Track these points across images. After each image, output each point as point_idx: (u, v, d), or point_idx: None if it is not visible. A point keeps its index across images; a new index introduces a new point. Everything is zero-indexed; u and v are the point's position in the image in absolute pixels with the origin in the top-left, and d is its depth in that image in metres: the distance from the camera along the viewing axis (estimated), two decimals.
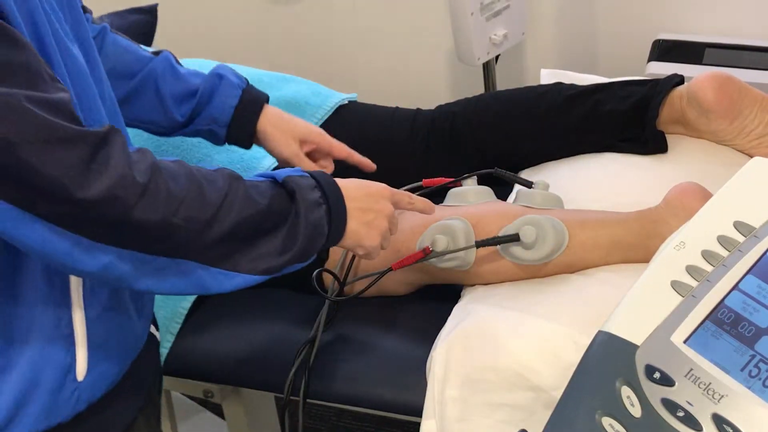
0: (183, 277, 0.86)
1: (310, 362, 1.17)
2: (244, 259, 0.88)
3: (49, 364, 0.90)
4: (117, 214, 0.80)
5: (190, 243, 0.85)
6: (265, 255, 0.89)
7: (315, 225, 0.93)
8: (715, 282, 0.78)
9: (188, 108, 1.20)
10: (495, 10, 1.74)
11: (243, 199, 0.88)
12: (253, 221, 0.88)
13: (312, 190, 0.94)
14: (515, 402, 1.05)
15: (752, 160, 0.87)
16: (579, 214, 1.19)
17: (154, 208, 0.81)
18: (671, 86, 1.35)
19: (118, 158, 0.80)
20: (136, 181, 0.80)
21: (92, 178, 0.78)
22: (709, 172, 1.22)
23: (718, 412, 0.72)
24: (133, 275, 0.84)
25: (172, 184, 0.83)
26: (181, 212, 0.83)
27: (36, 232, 0.78)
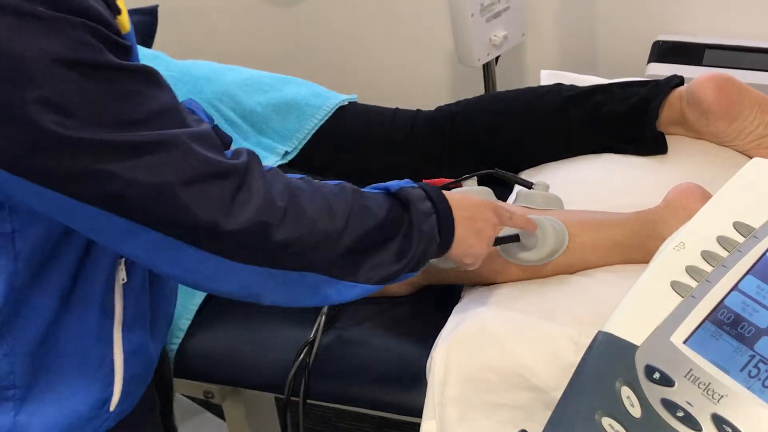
0: (308, 289, 0.90)
1: (310, 363, 1.17)
2: (364, 269, 0.92)
3: (87, 399, 0.94)
4: (260, 239, 0.83)
5: (319, 257, 0.88)
6: (383, 264, 0.93)
7: (428, 233, 0.96)
8: (714, 282, 0.78)
9: None
10: (495, 11, 1.74)
11: (363, 212, 0.91)
12: (373, 233, 0.92)
13: (423, 201, 0.96)
14: (515, 402, 1.05)
15: (752, 160, 0.87)
16: (579, 215, 1.19)
17: (293, 229, 0.85)
18: (671, 87, 1.34)
19: (259, 185, 0.83)
20: (278, 206, 0.84)
21: (238, 209, 0.81)
22: (708, 173, 1.22)
23: (717, 412, 0.72)
24: (265, 290, 0.88)
25: (305, 203, 0.87)
26: (316, 230, 0.87)
27: (184, 259, 0.82)
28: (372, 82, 2.23)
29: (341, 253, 0.89)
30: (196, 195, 0.79)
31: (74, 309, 0.91)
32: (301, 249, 0.86)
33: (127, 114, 0.77)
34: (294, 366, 1.17)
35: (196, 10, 2.29)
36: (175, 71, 1.44)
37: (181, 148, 0.79)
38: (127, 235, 0.80)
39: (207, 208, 0.80)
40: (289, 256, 0.86)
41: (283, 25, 2.26)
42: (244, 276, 0.85)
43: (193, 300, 1.27)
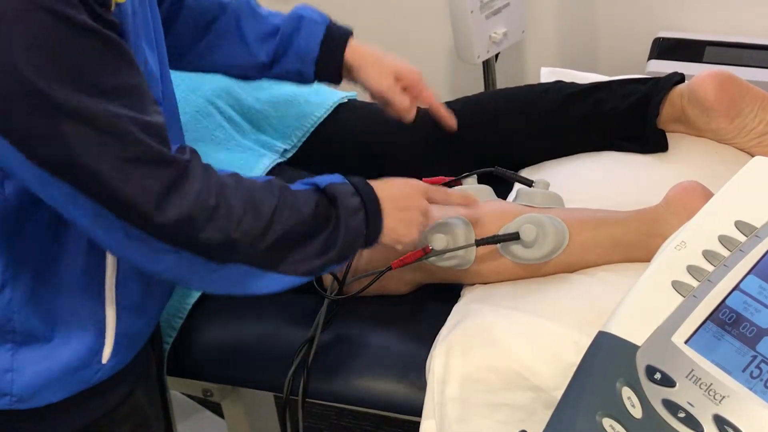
0: (233, 280, 0.94)
1: (309, 361, 1.17)
2: (289, 262, 0.95)
3: (80, 347, 0.98)
4: (186, 235, 0.87)
5: (244, 252, 0.92)
6: (308, 258, 0.96)
7: (354, 229, 0.99)
8: (716, 282, 0.78)
9: (271, 47, 1.20)
10: (495, 8, 1.74)
11: (290, 209, 0.95)
12: (299, 228, 0.95)
13: (351, 197, 0.99)
14: (515, 402, 1.04)
15: (753, 159, 0.87)
16: (579, 213, 1.19)
17: (219, 228, 0.89)
18: (672, 85, 1.34)
19: (195, 184, 0.87)
20: (208, 205, 0.88)
21: (170, 204, 0.85)
22: (709, 171, 1.22)
23: (719, 413, 0.72)
24: (190, 277, 0.92)
25: (233, 202, 0.90)
26: (240, 229, 0.90)
27: (117, 238, 0.86)
28: None
29: (266, 248, 0.93)
30: (129, 178, 0.82)
31: (65, 263, 0.94)
32: (225, 245, 0.90)
33: (87, 79, 0.79)
34: (293, 365, 1.17)
35: None
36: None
37: (122, 130, 0.81)
38: (69, 200, 0.83)
39: (140, 194, 0.83)
40: (214, 251, 0.90)
41: None
42: (173, 261, 0.89)
43: (186, 300, 1.26)
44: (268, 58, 1.20)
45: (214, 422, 1.84)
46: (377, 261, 1.21)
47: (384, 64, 1.23)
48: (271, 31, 1.20)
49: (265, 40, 1.20)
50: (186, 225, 0.87)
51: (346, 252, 1.00)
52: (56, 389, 0.98)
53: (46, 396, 0.98)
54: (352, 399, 1.20)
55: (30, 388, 0.96)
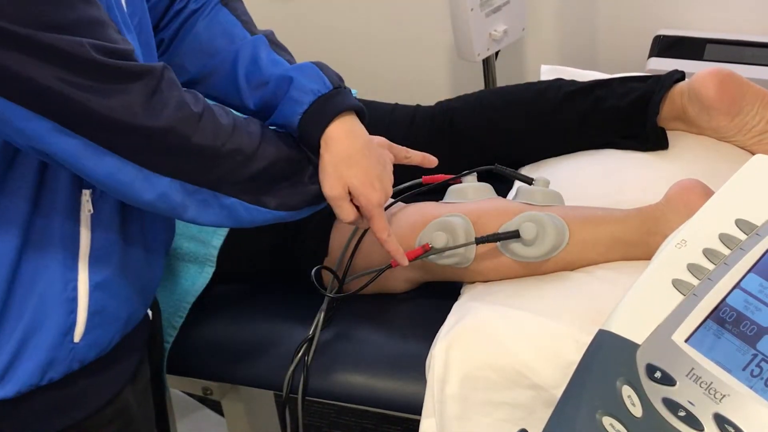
0: (223, 209, 0.97)
1: (308, 360, 1.17)
2: (272, 197, 1.00)
3: (52, 323, 0.95)
4: (177, 141, 0.90)
5: (232, 175, 0.95)
6: (290, 194, 1.01)
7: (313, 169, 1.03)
8: (716, 280, 0.78)
9: (258, 98, 1.11)
10: (495, 5, 1.74)
11: (275, 143, 1.00)
12: (283, 163, 1.00)
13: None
14: (515, 400, 1.04)
15: (754, 157, 0.87)
16: (579, 211, 1.19)
17: (207, 135, 0.92)
18: (672, 82, 1.34)
19: (176, 91, 0.90)
20: (193, 111, 0.91)
21: (157, 109, 0.87)
22: (710, 169, 1.22)
23: (719, 411, 0.71)
24: (182, 205, 0.93)
25: (219, 116, 0.94)
26: (228, 143, 0.94)
27: (104, 165, 0.87)
28: (371, 77, 2.23)
29: (252, 175, 0.97)
30: (105, 100, 0.84)
31: (36, 240, 0.93)
32: (215, 162, 0.93)
33: (46, 15, 0.80)
34: (293, 363, 1.17)
35: None
36: None
37: (83, 56, 0.82)
38: (52, 135, 0.84)
39: (121, 111, 0.85)
40: (204, 169, 0.93)
41: (281, 19, 2.25)
42: (162, 187, 0.91)
43: (186, 298, 1.26)
44: (255, 108, 1.11)
45: (214, 420, 1.84)
46: (377, 259, 1.21)
47: (341, 173, 1.05)
48: (261, 82, 1.10)
49: (255, 89, 1.11)
50: (176, 129, 0.89)
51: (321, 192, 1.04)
52: (30, 367, 0.95)
53: (21, 377, 0.95)
54: (351, 397, 1.20)
55: (2, 368, 0.94)
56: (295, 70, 1.08)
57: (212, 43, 1.15)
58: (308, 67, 1.08)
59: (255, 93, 1.12)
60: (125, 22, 0.96)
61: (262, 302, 1.30)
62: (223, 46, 1.14)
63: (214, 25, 1.16)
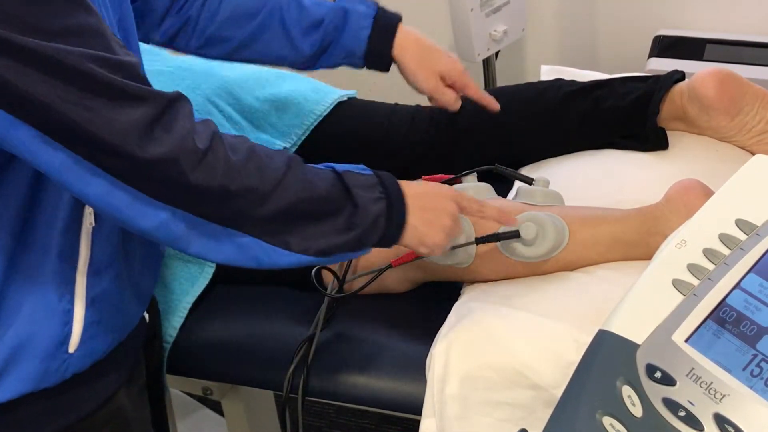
0: (237, 248, 0.89)
1: (308, 360, 1.17)
2: (297, 238, 0.90)
3: (45, 334, 0.93)
4: (175, 176, 0.82)
5: (245, 214, 0.87)
6: (319, 237, 0.91)
7: (373, 217, 0.94)
8: (716, 281, 0.78)
9: (316, 39, 1.16)
10: (495, 6, 1.74)
11: (302, 180, 0.90)
12: (310, 203, 0.90)
13: (371, 188, 0.95)
14: (515, 400, 1.04)
15: (754, 157, 0.87)
16: (579, 211, 1.19)
17: (212, 175, 0.84)
18: (672, 83, 1.34)
19: (182, 123, 0.83)
20: (197, 147, 0.83)
21: (155, 139, 0.81)
22: (710, 169, 1.22)
23: (719, 411, 0.72)
24: (187, 237, 0.86)
25: (231, 155, 0.86)
26: (238, 182, 0.85)
27: (98, 185, 0.82)
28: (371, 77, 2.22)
29: (270, 215, 0.88)
30: (98, 117, 0.78)
31: (31, 251, 0.91)
32: (223, 200, 0.85)
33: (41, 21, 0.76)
34: (293, 363, 1.17)
35: None
36: (173, 66, 1.44)
37: (77, 69, 0.77)
38: (39, 145, 0.79)
39: (115, 133, 0.79)
40: (212, 206, 0.86)
41: None
42: (161, 215, 0.84)
43: (186, 298, 1.26)
44: (312, 50, 1.16)
45: (214, 420, 1.84)
46: (377, 259, 1.21)
47: (429, 66, 1.21)
48: (314, 23, 1.15)
49: (308, 32, 1.16)
50: (171, 163, 0.82)
51: (363, 240, 0.94)
52: (22, 377, 0.93)
53: (13, 385, 0.93)
54: (351, 397, 1.20)
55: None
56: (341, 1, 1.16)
57: (248, 3, 1.15)
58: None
59: (309, 37, 1.15)
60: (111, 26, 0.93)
61: (262, 302, 1.30)
62: (262, 3, 1.15)
63: None
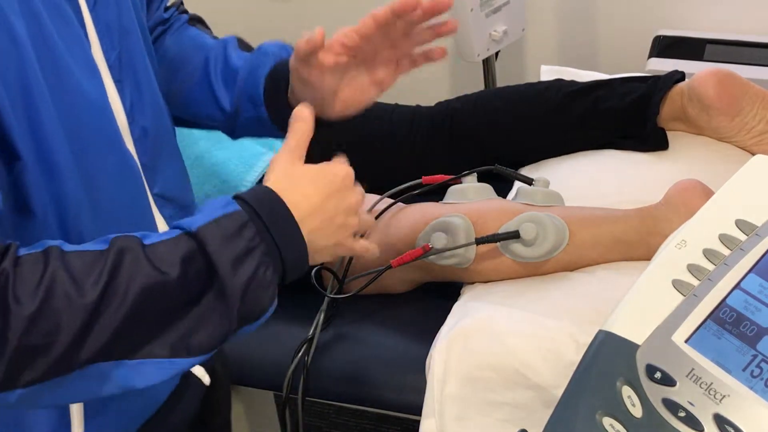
0: (91, 380, 0.70)
1: (308, 360, 1.17)
2: (165, 343, 0.71)
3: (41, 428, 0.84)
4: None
5: (70, 355, 0.68)
6: (195, 331, 0.73)
7: (248, 280, 0.74)
8: (716, 281, 0.78)
9: (232, 93, 1.00)
10: (495, 6, 1.74)
11: (140, 276, 0.69)
12: (163, 297, 0.70)
13: (238, 235, 0.74)
14: (515, 401, 1.04)
15: (754, 157, 0.87)
16: (579, 212, 1.19)
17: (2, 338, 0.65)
18: (672, 83, 1.34)
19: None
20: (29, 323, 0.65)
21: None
22: (710, 170, 1.22)
23: (719, 412, 0.71)
24: (21, 403, 0.69)
25: (21, 296, 0.66)
26: (38, 328, 0.66)
27: None
28: None
29: (106, 341, 0.68)
30: None
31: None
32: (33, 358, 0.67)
33: None
34: (293, 363, 1.17)
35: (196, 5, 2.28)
36: None
37: None
38: None
39: None
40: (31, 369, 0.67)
41: (281, 20, 2.25)
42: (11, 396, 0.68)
43: None
44: (231, 108, 1.00)
45: None
46: (377, 259, 1.21)
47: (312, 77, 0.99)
48: (231, 74, 1.00)
49: (227, 87, 1.00)
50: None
51: (252, 309, 0.76)
52: None
53: None
54: (351, 398, 1.20)
55: None
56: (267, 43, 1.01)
57: (182, 54, 1.04)
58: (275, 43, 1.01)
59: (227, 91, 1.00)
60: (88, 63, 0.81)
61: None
62: (193, 55, 1.03)
63: (182, 38, 1.06)
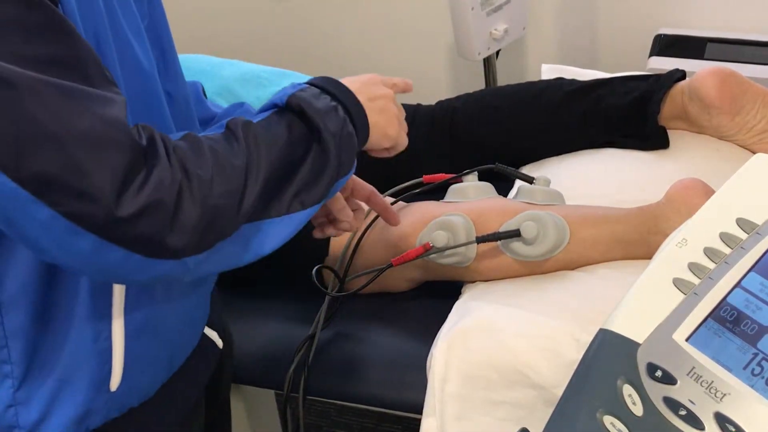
0: (238, 248, 0.81)
1: (309, 359, 1.17)
2: (284, 201, 0.83)
3: (83, 375, 0.89)
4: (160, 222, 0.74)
5: (236, 215, 0.79)
6: (307, 185, 0.84)
7: (338, 131, 0.86)
8: (717, 279, 0.78)
9: None
10: (496, 4, 1.74)
11: (265, 145, 0.81)
12: (283, 160, 0.82)
13: (318, 98, 0.86)
14: (516, 400, 1.05)
15: (755, 156, 0.87)
16: (580, 210, 1.19)
17: (193, 201, 0.75)
18: (673, 81, 1.34)
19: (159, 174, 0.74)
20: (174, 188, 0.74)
21: (129, 195, 0.72)
22: (711, 168, 1.22)
23: (720, 410, 0.71)
24: (191, 271, 0.78)
25: (197, 166, 0.77)
26: (216, 190, 0.77)
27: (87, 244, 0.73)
28: None
29: (255, 198, 0.80)
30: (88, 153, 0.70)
31: (62, 292, 0.86)
32: (210, 218, 0.77)
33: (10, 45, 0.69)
34: (294, 362, 1.17)
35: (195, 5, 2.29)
36: None
37: (37, 98, 0.69)
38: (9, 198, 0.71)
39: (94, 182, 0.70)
40: (203, 232, 0.76)
41: (282, 19, 2.25)
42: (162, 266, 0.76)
43: None
44: None
45: None
46: (378, 258, 1.21)
47: None
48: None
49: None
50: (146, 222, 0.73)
51: (343, 159, 0.86)
52: (65, 421, 0.89)
53: (58, 427, 0.89)
54: (352, 396, 1.21)
55: (35, 421, 0.88)
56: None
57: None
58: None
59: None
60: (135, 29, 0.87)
61: (262, 302, 1.31)
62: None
63: None
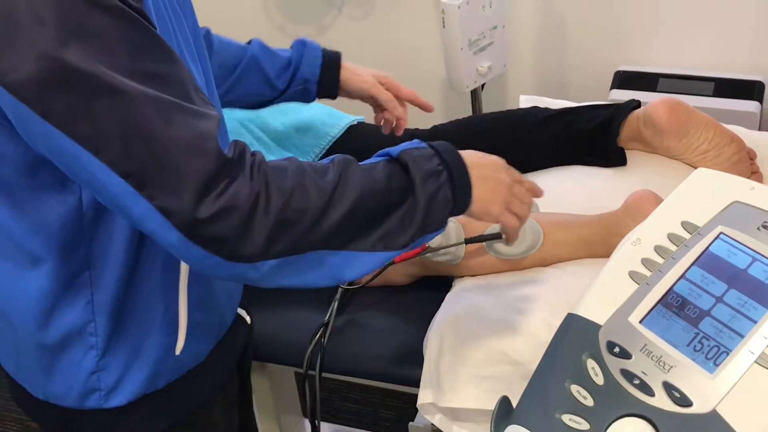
0: (316, 268, 0.77)
1: (324, 341, 1.17)
2: (370, 239, 0.78)
3: (156, 342, 0.89)
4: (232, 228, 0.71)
5: (309, 233, 0.74)
6: (393, 232, 0.79)
7: (434, 193, 0.80)
8: (665, 272, 0.78)
9: (287, 76, 1.22)
10: (481, 45, 1.75)
11: (358, 182, 0.77)
12: (372, 201, 0.77)
13: (428, 160, 0.81)
14: (498, 374, 1.05)
15: (696, 170, 0.87)
16: (552, 217, 1.20)
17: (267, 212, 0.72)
18: (630, 110, 1.35)
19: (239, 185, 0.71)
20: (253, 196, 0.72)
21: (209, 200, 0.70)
22: (661, 182, 1.22)
23: (667, 380, 0.72)
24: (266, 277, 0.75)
25: (279, 181, 0.74)
26: (292, 206, 0.73)
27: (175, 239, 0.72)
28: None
29: (334, 225, 0.75)
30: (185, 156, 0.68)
31: (143, 263, 0.84)
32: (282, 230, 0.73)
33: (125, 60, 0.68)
34: (311, 344, 1.17)
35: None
36: None
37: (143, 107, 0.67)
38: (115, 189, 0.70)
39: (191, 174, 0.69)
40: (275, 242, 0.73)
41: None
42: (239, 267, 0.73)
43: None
44: (284, 86, 1.23)
45: None
46: None
47: (362, 72, 1.26)
48: (285, 64, 1.23)
49: (282, 72, 1.23)
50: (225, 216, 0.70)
51: (432, 219, 0.80)
52: (138, 381, 0.90)
53: (131, 388, 0.89)
54: (361, 373, 1.20)
55: (113, 384, 0.89)
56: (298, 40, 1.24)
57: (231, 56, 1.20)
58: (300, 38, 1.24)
59: (282, 76, 1.21)
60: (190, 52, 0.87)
61: (284, 293, 1.30)
62: (240, 56, 1.20)
63: (222, 45, 1.21)
